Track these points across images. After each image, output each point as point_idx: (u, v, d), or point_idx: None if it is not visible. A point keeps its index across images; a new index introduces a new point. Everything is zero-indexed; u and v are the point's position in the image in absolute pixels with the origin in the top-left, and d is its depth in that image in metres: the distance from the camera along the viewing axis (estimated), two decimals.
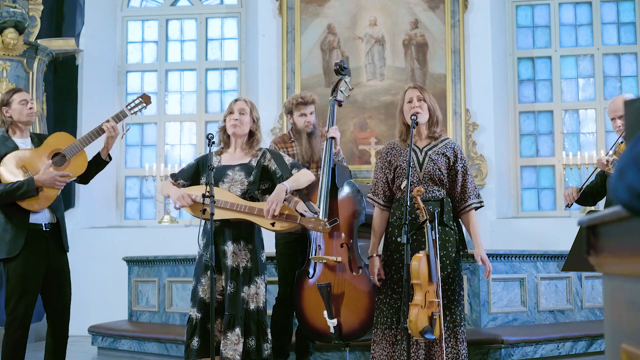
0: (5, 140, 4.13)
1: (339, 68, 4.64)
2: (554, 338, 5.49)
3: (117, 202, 8.87)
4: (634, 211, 1.24)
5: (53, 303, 4.16)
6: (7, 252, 4.01)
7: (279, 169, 4.03)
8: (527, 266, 5.87)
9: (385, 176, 3.90)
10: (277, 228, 3.94)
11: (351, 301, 4.15)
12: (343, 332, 4.15)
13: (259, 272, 3.98)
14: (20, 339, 4.03)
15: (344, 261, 4.20)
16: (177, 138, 9.11)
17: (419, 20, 8.36)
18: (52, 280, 4.13)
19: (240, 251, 3.95)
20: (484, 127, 8.26)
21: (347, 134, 8.25)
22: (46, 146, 4.15)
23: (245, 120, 4.07)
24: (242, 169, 4.03)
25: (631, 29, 8.57)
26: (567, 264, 3.83)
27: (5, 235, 4.03)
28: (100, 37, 8.90)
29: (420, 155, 3.85)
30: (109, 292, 7.79)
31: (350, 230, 4.27)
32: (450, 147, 3.90)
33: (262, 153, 4.11)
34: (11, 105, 4.15)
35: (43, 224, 4.10)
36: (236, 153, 4.12)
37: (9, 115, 4.15)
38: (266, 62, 8.49)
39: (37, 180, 3.99)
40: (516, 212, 8.48)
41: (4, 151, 4.07)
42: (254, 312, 3.91)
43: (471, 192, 3.85)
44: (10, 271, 4.02)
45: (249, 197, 4.01)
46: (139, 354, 6.23)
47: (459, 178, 3.84)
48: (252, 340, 3.88)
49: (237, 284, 3.90)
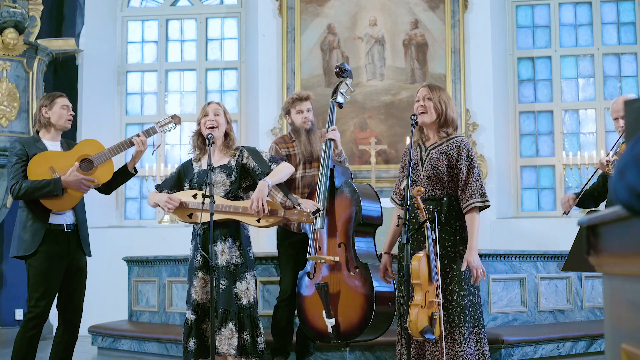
0: (36, 141, 4.24)
1: (340, 70, 4.63)
2: (554, 338, 5.49)
3: (117, 202, 8.87)
4: (634, 211, 1.24)
5: (67, 303, 4.24)
6: (25, 250, 4.10)
7: (258, 165, 4.13)
8: (527, 266, 5.87)
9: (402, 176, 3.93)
10: (263, 224, 4.04)
11: (348, 301, 4.16)
12: (341, 332, 4.16)
13: (249, 268, 4.10)
14: (35, 337, 4.10)
15: (341, 261, 4.21)
16: (177, 138, 9.11)
17: (419, 20, 8.36)
18: (69, 281, 4.21)
19: (229, 249, 4.07)
20: (484, 127, 8.26)
21: (347, 134, 8.25)
22: (75, 151, 4.25)
23: (221, 121, 4.19)
24: (223, 170, 4.15)
25: (631, 29, 8.57)
26: (567, 264, 3.83)
27: (24, 233, 4.12)
28: (100, 37, 8.90)
29: (424, 154, 3.84)
30: (109, 292, 7.78)
31: (346, 229, 4.27)
32: (455, 145, 3.80)
33: (239, 152, 4.22)
34: (52, 107, 4.26)
35: (65, 225, 4.18)
36: (215, 155, 4.21)
37: (48, 117, 4.25)
38: (266, 62, 8.49)
39: (64, 181, 4.09)
40: (516, 212, 8.48)
41: (33, 152, 4.17)
42: (246, 307, 4.01)
43: (474, 192, 3.74)
44: (32, 269, 4.10)
45: (232, 196, 4.12)
46: (139, 354, 6.23)
47: (462, 177, 3.76)
48: (247, 334, 3.97)
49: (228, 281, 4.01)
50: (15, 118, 7.32)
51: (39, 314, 4.07)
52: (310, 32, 8.45)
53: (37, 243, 4.07)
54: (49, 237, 4.11)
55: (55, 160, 4.18)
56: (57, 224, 4.16)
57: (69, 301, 4.23)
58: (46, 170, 4.14)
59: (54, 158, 4.19)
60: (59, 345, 4.23)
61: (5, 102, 7.32)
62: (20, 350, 4.06)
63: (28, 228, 4.11)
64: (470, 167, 3.78)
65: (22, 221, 4.16)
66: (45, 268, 4.08)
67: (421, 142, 3.90)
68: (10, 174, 4.13)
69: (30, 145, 4.20)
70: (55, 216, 4.15)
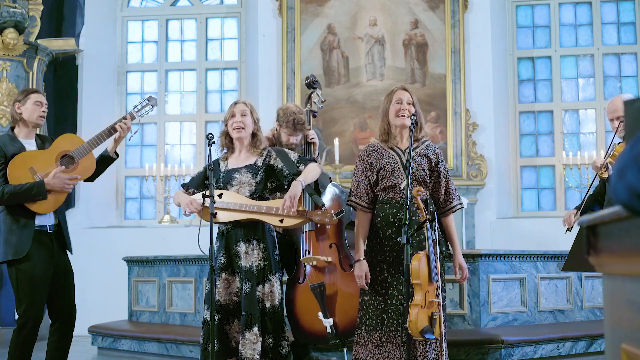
0: (12, 140, 4.14)
1: (311, 82, 4.78)
2: (554, 338, 5.49)
3: (117, 202, 8.87)
4: (634, 211, 1.24)
5: (59, 304, 4.17)
6: (14, 254, 4.00)
7: (285, 166, 4.05)
8: (527, 266, 5.87)
9: (368, 178, 3.89)
10: (286, 225, 3.94)
11: (345, 299, 4.16)
12: (340, 331, 4.16)
13: (273, 271, 3.99)
14: (30, 342, 4.04)
15: (335, 261, 4.21)
16: (177, 138, 9.11)
17: (419, 20, 8.36)
18: (58, 282, 4.15)
19: (253, 251, 3.97)
20: (484, 127, 8.26)
21: (347, 134, 8.25)
22: (55, 147, 4.16)
23: (248, 122, 4.08)
24: (249, 170, 4.06)
25: (631, 29, 8.58)
26: (567, 264, 3.83)
27: (11, 237, 4.02)
28: (100, 37, 8.91)
29: (403, 157, 3.84)
30: (109, 292, 7.79)
31: (337, 230, 4.28)
32: (431, 148, 3.91)
33: (267, 152, 4.12)
34: (25, 103, 4.16)
35: (48, 226, 4.11)
36: (241, 155, 4.14)
37: (20, 112, 4.16)
38: (266, 62, 8.49)
39: (48, 184, 4.01)
40: (516, 212, 8.48)
41: (12, 151, 4.08)
42: (269, 310, 3.92)
43: (454, 194, 3.90)
44: (20, 274, 4.02)
45: (258, 197, 4.03)
46: (139, 354, 6.23)
47: (442, 179, 3.86)
48: (270, 338, 3.90)
49: (252, 283, 3.91)
50: None
51: (31, 319, 4.00)
52: (310, 32, 8.45)
53: (28, 246, 3.99)
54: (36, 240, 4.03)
55: (35, 160, 4.08)
56: (42, 225, 4.08)
57: (63, 302, 4.16)
58: (27, 172, 4.04)
59: (33, 158, 4.09)
60: (55, 350, 4.16)
61: (5, 102, 7.32)
62: (14, 356, 4.00)
63: (15, 231, 4.01)
64: (446, 170, 3.92)
65: (7, 224, 4.04)
66: (35, 272, 4.00)
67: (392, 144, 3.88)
68: None
69: (6, 144, 4.09)
70: (38, 217, 4.06)
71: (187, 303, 6.39)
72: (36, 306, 4.02)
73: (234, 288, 3.97)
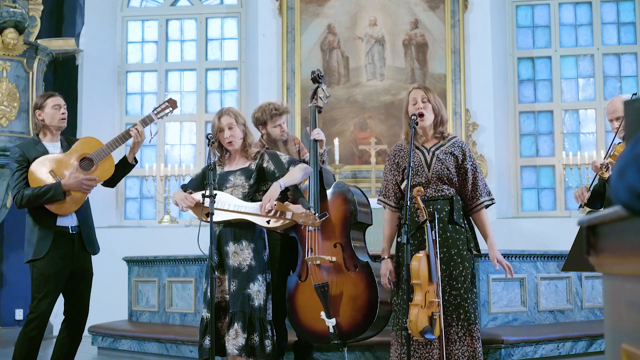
0: (35, 144, 4.23)
1: (317, 76, 4.74)
2: (554, 338, 5.49)
3: (117, 202, 8.87)
4: (634, 211, 1.24)
5: (74, 304, 4.25)
6: (34, 254, 4.10)
7: (276, 168, 4.16)
8: (527, 266, 5.87)
9: (395, 178, 3.91)
10: (272, 225, 4.05)
11: (349, 300, 4.16)
12: (343, 331, 4.16)
13: (262, 271, 4.09)
14: (36, 337, 4.10)
15: (339, 260, 4.21)
16: (177, 138, 9.11)
17: (419, 20, 8.36)
18: (76, 282, 4.23)
19: (242, 250, 4.07)
20: (484, 127, 8.26)
21: (347, 134, 8.25)
22: (74, 151, 4.25)
23: (236, 133, 4.19)
24: (243, 173, 4.18)
25: (631, 29, 8.58)
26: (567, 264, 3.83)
27: (32, 237, 4.13)
28: (100, 37, 8.90)
29: (427, 156, 3.84)
30: (109, 292, 7.78)
31: (342, 229, 4.27)
32: (458, 145, 3.90)
33: (260, 155, 4.24)
34: (44, 109, 4.24)
35: (70, 227, 4.19)
36: (236, 159, 4.27)
37: (42, 119, 4.24)
38: (266, 62, 8.49)
39: (64, 184, 4.10)
40: (516, 212, 8.48)
41: (34, 155, 4.17)
42: (257, 309, 4.01)
43: (482, 190, 3.86)
44: (35, 270, 4.12)
45: (250, 199, 4.14)
46: (139, 354, 6.23)
47: (469, 176, 3.84)
48: (256, 336, 3.96)
49: (239, 282, 4.02)
50: (15, 118, 7.32)
51: (40, 315, 4.08)
52: (310, 32, 8.45)
53: (47, 247, 4.08)
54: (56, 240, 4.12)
55: (55, 163, 4.18)
56: (63, 226, 4.17)
57: (77, 303, 4.25)
58: (47, 175, 4.14)
59: (53, 161, 4.19)
60: (63, 347, 4.24)
61: (5, 102, 7.32)
62: (21, 351, 4.07)
63: (36, 232, 4.12)
64: (474, 166, 3.88)
65: (30, 226, 4.17)
66: (49, 270, 4.09)
67: (418, 144, 3.90)
68: (12, 183, 4.15)
69: (29, 148, 4.20)
70: (60, 219, 4.15)
71: (187, 303, 6.40)
72: (46, 303, 4.10)
73: (225, 287, 4.10)
